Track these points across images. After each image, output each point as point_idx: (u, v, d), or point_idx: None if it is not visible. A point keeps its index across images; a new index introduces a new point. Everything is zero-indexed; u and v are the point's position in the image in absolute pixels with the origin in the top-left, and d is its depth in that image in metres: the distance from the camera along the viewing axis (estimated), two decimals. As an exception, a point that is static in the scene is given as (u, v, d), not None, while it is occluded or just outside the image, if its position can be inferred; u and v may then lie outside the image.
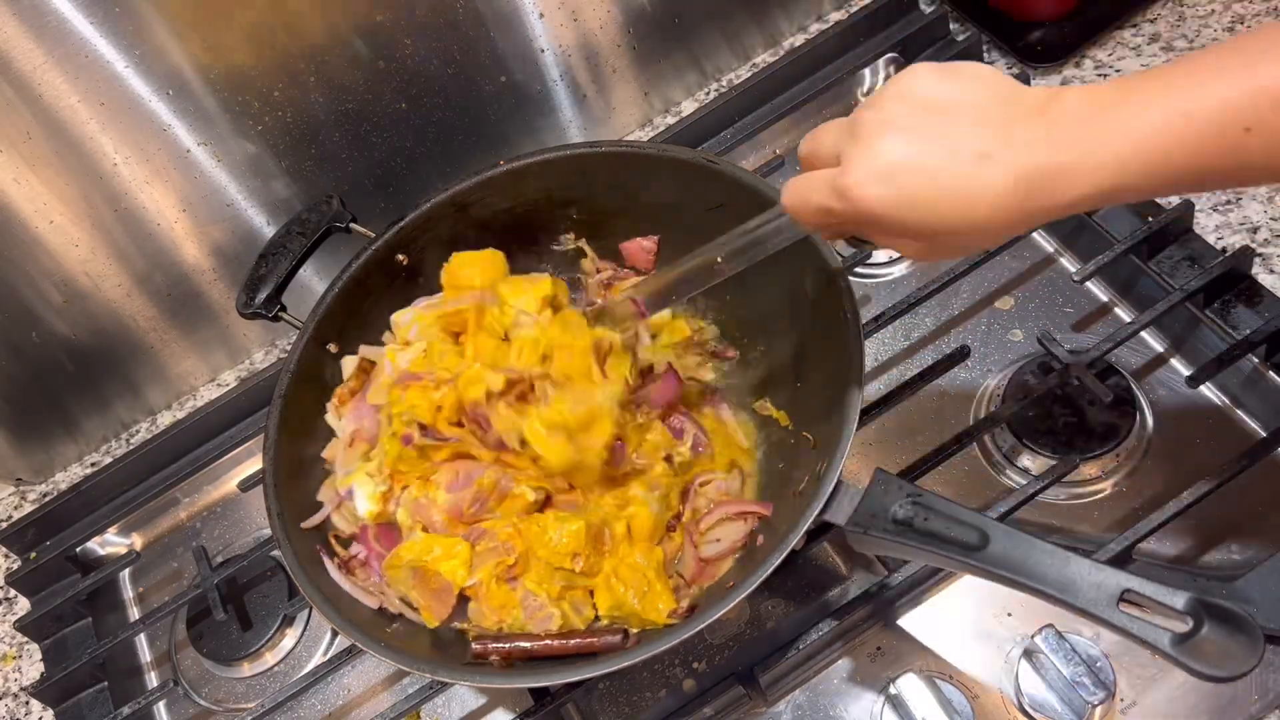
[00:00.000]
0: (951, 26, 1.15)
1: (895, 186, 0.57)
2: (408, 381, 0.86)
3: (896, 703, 0.78)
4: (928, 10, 1.16)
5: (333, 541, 0.87)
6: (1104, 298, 0.96)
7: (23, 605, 1.09)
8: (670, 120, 1.22)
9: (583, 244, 1.00)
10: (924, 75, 0.59)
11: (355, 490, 0.87)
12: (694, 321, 0.97)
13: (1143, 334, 0.91)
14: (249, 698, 0.97)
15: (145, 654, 1.05)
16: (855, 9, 1.18)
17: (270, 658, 0.99)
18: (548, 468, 0.82)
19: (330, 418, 0.93)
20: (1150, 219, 0.92)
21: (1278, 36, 0.53)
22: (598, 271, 1.00)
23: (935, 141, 0.56)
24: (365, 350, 0.94)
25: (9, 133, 0.92)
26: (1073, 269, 0.96)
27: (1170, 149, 0.53)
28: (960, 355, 0.90)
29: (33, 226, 0.99)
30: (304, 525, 0.86)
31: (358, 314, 0.94)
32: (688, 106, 1.23)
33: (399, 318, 0.95)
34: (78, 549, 1.09)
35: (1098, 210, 0.96)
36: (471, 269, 0.92)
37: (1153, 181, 0.54)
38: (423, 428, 0.84)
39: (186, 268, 1.10)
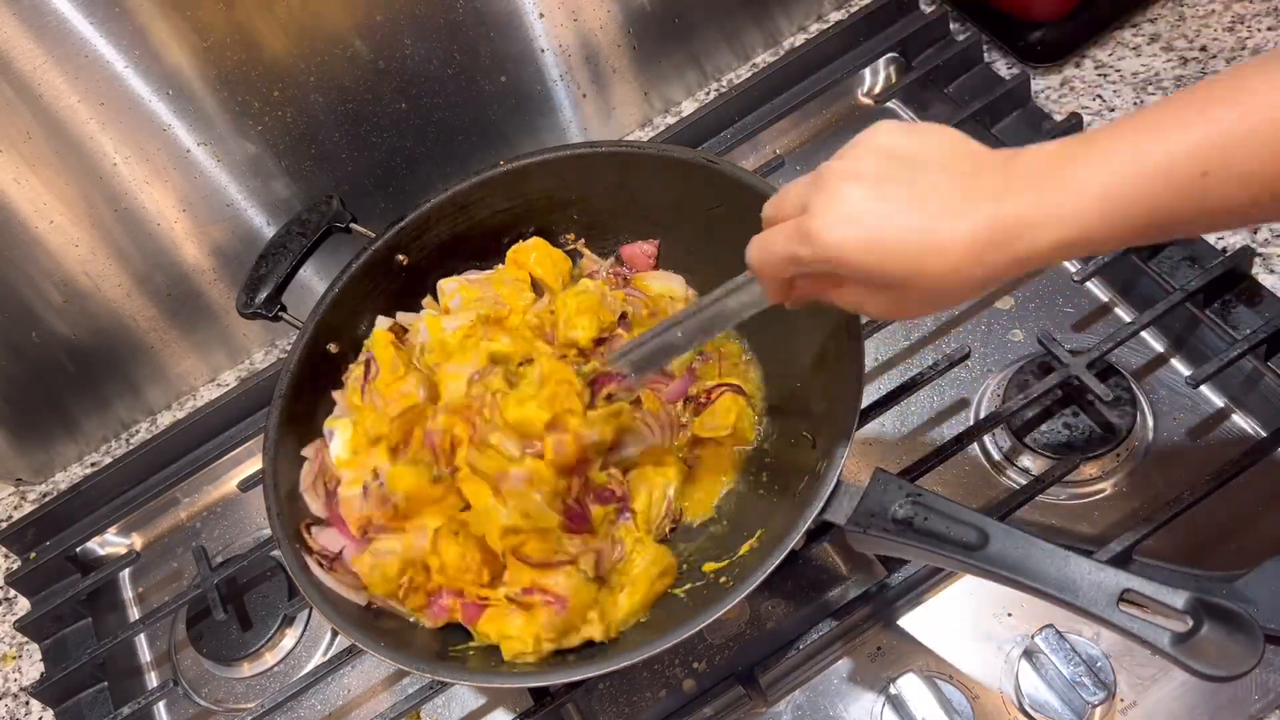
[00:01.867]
0: (951, 26, 1.15)
1: (861, 228, 0.57)
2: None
3: (896, 703, 0.78)
4: (928, 10, 1.16)
5: (305, 533, 0.84)
6: (1104, 298, 0.96)
7: (23, 605, 1.09)
8: (670, 120, 1.22)
9: (582, 244, 1.00)
10: (889, 130, 0.59)
11: (336, 433, 0.87)
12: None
13: (1143, 334, 0.91)
14: (249, 698, 0.97)
15: (145, 654, 1.05)
16: (855, 9, 1.18)
17: (270, 658, 0.99)
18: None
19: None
20: (1150, 219, 0.92)
21: (1235, 81, 0.53)
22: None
23: (901, 188, 0.57)
24: (403, 316, 0.94)
25: (9, 133, 0.92)
26: (1073, 269, 0.96)
27: (1129, 200, 0.53)
28: (960, 355, 0.90)
29: (33, 226, 0.99)
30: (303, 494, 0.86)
31: (358, 314, 0.95)
32: (688, 106, 1.23)
33: (445, 284, 0.95)
34: (78, 549, 1.09)
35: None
36: (539, 255, 0.96)
37: (1116, 232, 0.54)
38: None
39: (186, 268, 1.10)
